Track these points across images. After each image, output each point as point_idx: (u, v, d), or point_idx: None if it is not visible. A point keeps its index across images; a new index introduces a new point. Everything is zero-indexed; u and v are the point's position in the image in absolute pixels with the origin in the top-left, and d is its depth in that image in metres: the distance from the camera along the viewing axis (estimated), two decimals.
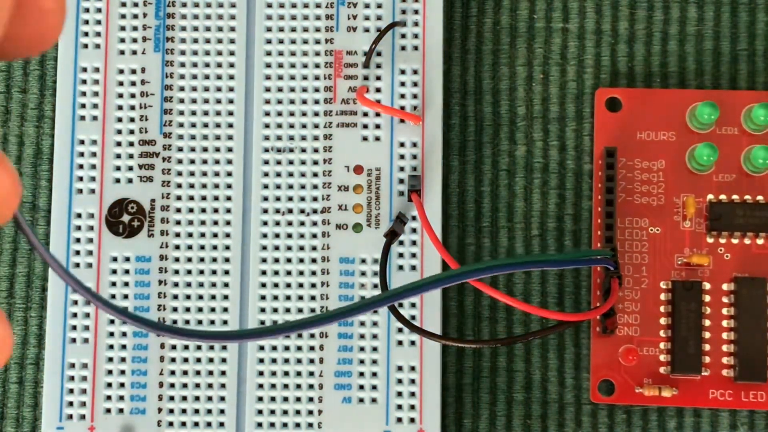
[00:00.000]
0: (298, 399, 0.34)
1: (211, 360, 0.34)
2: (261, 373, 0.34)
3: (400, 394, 0.34)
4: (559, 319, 0.33)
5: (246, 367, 0.34)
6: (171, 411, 0.34)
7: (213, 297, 0.34)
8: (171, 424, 0.34)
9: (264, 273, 0.35)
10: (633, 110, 0.35)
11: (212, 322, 0.34)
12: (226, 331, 0.25)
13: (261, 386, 0.34)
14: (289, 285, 0.34)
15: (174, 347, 0.34)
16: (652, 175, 0.35)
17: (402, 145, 0.35)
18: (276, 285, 0.34)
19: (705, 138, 0.35)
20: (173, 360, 0.34)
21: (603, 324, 0.34)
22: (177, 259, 0.35)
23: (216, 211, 0.35)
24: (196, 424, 0.34)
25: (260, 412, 0.34)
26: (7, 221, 0.17)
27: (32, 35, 0.18)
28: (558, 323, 0.33)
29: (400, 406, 0.34)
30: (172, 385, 0.34)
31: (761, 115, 0.34)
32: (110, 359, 0.34)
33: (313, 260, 0.35)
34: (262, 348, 0.34)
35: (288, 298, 0.34)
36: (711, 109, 0.34)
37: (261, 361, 0.34)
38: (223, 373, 0.34)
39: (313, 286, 0.34)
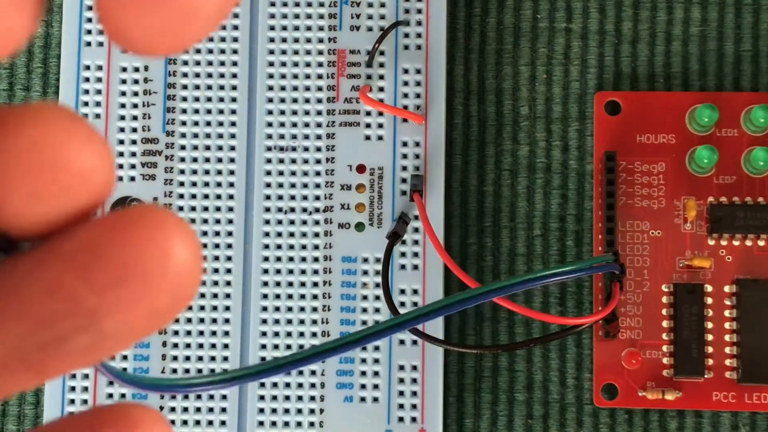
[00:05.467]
0: (300, 398, 0.34)
1: (212, 359, 0.34)
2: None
3: (401, 393, 0.34)
4: (560, 323, 0.33)
5: (248, 365, 0.34)
6: (173, 409, 0.34)
7: (215, 296, 0.35)
8: (172, 422, 0.34)
9: (266, 272, 0.35)
10: (632, 113, 0.35)
11: (214, 321, 0.34)
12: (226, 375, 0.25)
13: (263, 385, 0.34)
14: (291, 284, 0.35)
15: (175, 345, 0.34)
16: (652, 178, 0.35)
17: (405, 144, 0.35)
18: (278, 284, 0.34)
19: (705, 140, 0.35)
20: (175, 358, 0.34)
21: (605, 328, 0.34)
22: None
23: (218, 209, 0.35)
24: (198, 422, 0.34)
25: (262, 410, 0.34)
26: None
27: (76, 203, 0.13)
28: (559, 330, 0.33)
29: (401, 406, 0.34)
30: None
31: (761, 117, 0.34)
32: (111, 356, 0.34)
33: (316, 259, 0.35)
34: (264, 347, 0.34)
35: (290, 297, 0.34)
36: (710, 111, 0.34)
37: (263, 360, 0.34)
38: (225, 372, 0.34)
39: (315, 285, 0.35)
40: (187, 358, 0.34)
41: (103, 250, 0.13)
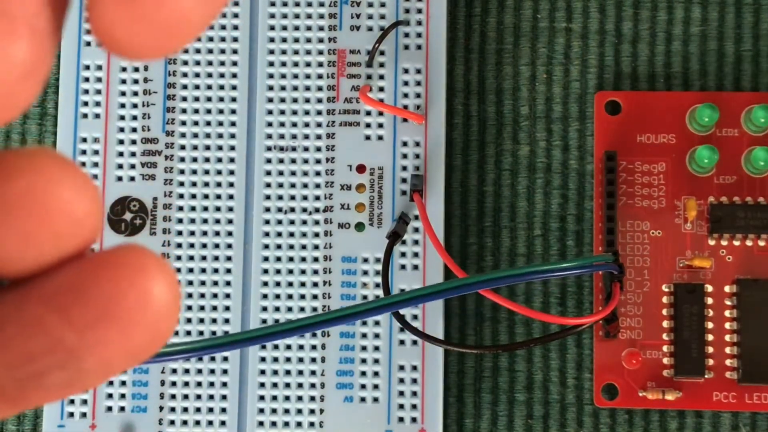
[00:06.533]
0: (300, 398, 0.34)
1: (212, 358, 0.34)
2: (263, 372, 0.34)
3: (401, 393, 0.34)
4: (560, 323, 0.33)
5: (248, 365, 0.34)
6: (172, 409, 0.34)
7: (215, 296, 0.34)
8: (172, 422, 0.34)
9: (266, 272, 0.35)
10: (633, 113, 0.35)
11: (214, 321, 0.34)
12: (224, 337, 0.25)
13: (263, 385, 0.34)
14: (291, 284, 0.34)
15: None
16: (652, 178, 0.35)
17: (405, 144, 0.35)
18: (278, 284, 0.34)
19: (705, 140, 0.35)
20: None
21: (605, 328, 0.34)
22: (179, 258, 0.35)
23: (218, 209, 0.35)
24: (198, 422, 0.34)
25: (262, 411, 0.34)
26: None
27: (65, 248, 0.13)
28: (559, 330, 0.33)
29: (401, 406, 0.34)
30: (174, 384, 0.34)
31: (761, 117, 0.34)
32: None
33: (315, 259, 0.35)
34: (263, 347, 0.34)
35: (290, 297, 0.34)
36: (711, 111, 0.34)
37: (263, 359, 0.34)
38: (225, 371, 0.34)
39: (315, 285, 0.34)
40: (187, 358, 0.34)
41: (85, 290, 0.13)
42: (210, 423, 0.34)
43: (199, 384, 0.34)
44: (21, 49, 0.13)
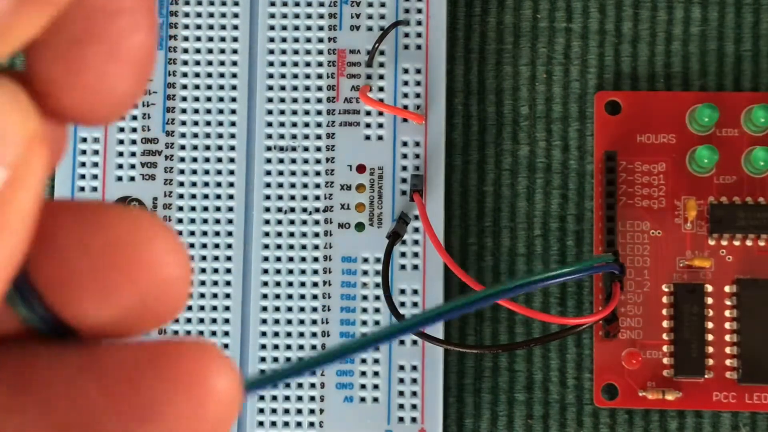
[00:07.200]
0: (300, 398, 0.34)
1: None
2: (263, 372, 0.34)
3: (401, 393, 0.34)
4: (560, 323, 0.33)
5: (248, 365, 0.34)
6: None
7: (215, 296, 0.34)
8: None
9: (266, 272, 0.35)
10: (633, 113, 0.35)
11: (214, 321, 0.34)
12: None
13: None
14: (291, 284, 0.34)
15: None
16: (652, 178, 0.35)
17: (405, 144, 0.35)
18: (278, 284, 0.34)
19: (705, 140, 0.35)
20: None
21: (605, 328, 0.34)
22: None
23: (218, 209, 0.35)
24: None
25: (262, 411, 0.34)
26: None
27: (148, 311, 0.13)
28: (559, 330, 0.33)
29: (401, 406, 0.34)
30: None
31: (761, 117, 0.34)
32: None
33: (315, 259, 0.35)
34: (264, 347, 0.34)
35: (290, 297, 0.34)
36: (711, 111, 0.34)
37: (263, 359, 0.34)
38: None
39: (315, 285, 0.34)
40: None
41: (140, 383, 0.13)
42: None
43: None
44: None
